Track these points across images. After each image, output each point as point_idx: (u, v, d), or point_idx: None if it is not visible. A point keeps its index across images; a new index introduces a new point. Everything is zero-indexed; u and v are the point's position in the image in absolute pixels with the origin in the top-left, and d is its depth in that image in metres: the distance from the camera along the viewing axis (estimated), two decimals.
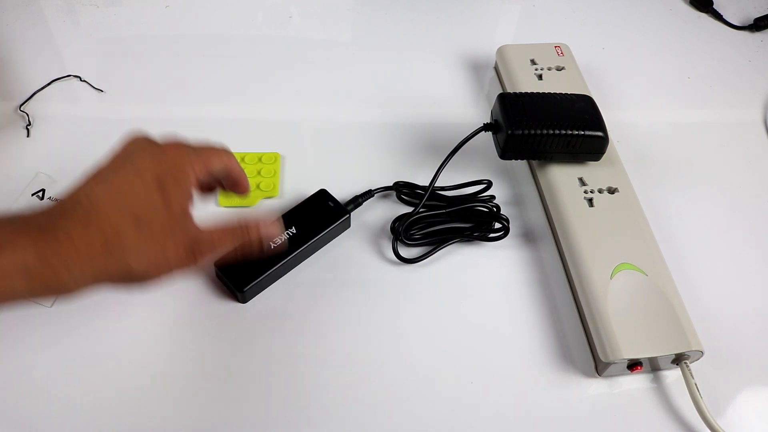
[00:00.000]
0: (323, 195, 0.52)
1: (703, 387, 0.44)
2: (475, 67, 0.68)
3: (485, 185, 0.53)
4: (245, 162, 0.56)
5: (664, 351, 0.43)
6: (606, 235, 0.49)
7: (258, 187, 0.55)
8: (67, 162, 0.56)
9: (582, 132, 0.51)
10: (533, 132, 0.51)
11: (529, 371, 0.46)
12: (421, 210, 0.52)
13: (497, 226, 0.52)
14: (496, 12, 0.75)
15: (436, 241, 0.51)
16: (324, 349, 0.46)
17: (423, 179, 0.54)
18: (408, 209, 0.53)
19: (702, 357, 0.44)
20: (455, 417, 0.44)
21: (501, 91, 0.60)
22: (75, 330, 0.46)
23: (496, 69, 0.67)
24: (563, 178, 0.53)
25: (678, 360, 0.44)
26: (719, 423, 0.42)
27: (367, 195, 0.53)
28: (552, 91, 0.54)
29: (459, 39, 0.70)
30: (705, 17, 0.75)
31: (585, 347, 0.47)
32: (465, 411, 0.44)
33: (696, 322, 0.45)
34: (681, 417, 0.44)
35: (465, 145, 0.53)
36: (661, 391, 0.45)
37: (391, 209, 0.54)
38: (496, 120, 0.53)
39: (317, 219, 0.51)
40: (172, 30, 0.70)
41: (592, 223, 0.50)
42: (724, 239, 0.54)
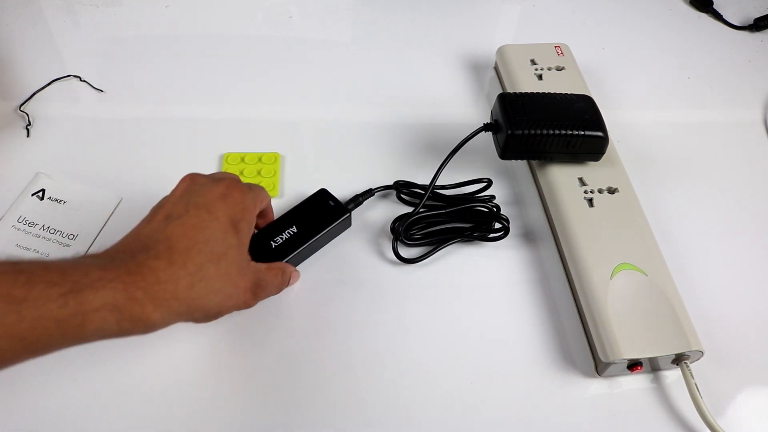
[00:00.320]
0: (323, 194, 0.52)
1: (703, 387, 0.44)
2: (475, 67, 0.68)
3: (485, 184, 0.53)
4: (245, 162, 0.56)
5: (664, 351, 0.43)
6: (606, 235, 0.49)
7: None
8: (67, 162, 0.56)
9: (582, 132, 0.51)
10: (533, 132, 0.51)
11: (529, 371, 0.46)
12: (421, 210, 0.52)
13: (497, 226, 0.52)
14: (496, 12, 0.75)
15: (436, 241, 0.51)
16: (324, 349, 0.46)
17: (423, 179, 0.54)
18: (408, 209, 0.53)
19: (702, 357, 0.44)
20: (455, 417, 0.44)
21: (501, 91, 0.60)
22: None
23: (496, 69, 0.67)
24: (563, 178, 0.53)
25: (678, 360, 0.44)
26: (719, 423, 0.42)
27: (368, 194, 0.53)
28: (552, 91, 0.54)
29: (459, 39, 0.70)
30: (705, 17, 0.75)
31: (585, 347, 0.47)
32: (465, 411, 0.44)
33: (696, 322, 0.45)
34: (681, 417, 0.44)
35: (465, 145, 0.53)
36: (661, 391, 0.45)
37: (392, 209, 0.54)
38: (496, 120, 0.53)
39: (318, 218, 0.50)
40: (172, 30, 0.70)
41: (592, 223, 0.50)
42: (724, 239, 0.54)
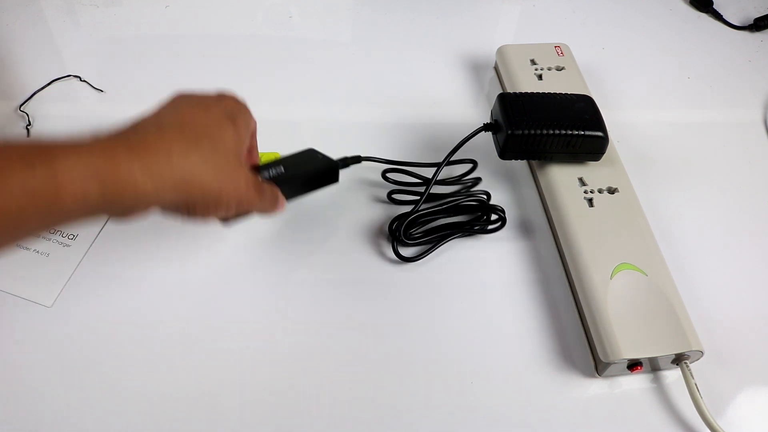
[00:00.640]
0: (312, 151, 0.49)
1: (703, 387, 0.44)
2: (475, 67, 0.68)
3: (471, 165, 0.55)
4: None
5: (664, 351, 0.43)
6: (606, 235, 0.49)
7: None
8: None
9: (582, 132, 0.51)
10: (533, 132, 0.51)
11: (529, 371, 0.46)
12: (419, 209, 0.52)
13: (494, 217, 0.52)
14: (496, 12, 0.75)
15: (435, 238, 0.51)
16: (324, 349, 0.46)
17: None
18: (404, 209, 0.53)
19: (702, 357, 0.44)
20: (455, 417, 0.44)
21: (501, 91, 0.60)
22: (73, 328, 0.46)
23: (496, 69, 0.67)
24: (563, 178, 0.53)
25: (678, 360, 0.44)
26: (719, 423, 0.42)
27: (356, 160, 0.53)
28: (552, 91, 0.54)
29: (459, 39, 0.70)
30: (705, 17, 0.75)
31: (585, 347, 0.47)
32: (465, 411, 0.44)
33: (696, 322, 0.45)
34: (681, 417, 0.44)
35: (465, 145, 0.53)
36: (661, 391, 0.45)
37: (392, 209, 0.54)
38: (496, 120, 0.53)
39: (305, 164, 0.48)
40: (172, 30, 0.70)
41: (592, 223, 0.50)
42: (724, 239, 0.54)
